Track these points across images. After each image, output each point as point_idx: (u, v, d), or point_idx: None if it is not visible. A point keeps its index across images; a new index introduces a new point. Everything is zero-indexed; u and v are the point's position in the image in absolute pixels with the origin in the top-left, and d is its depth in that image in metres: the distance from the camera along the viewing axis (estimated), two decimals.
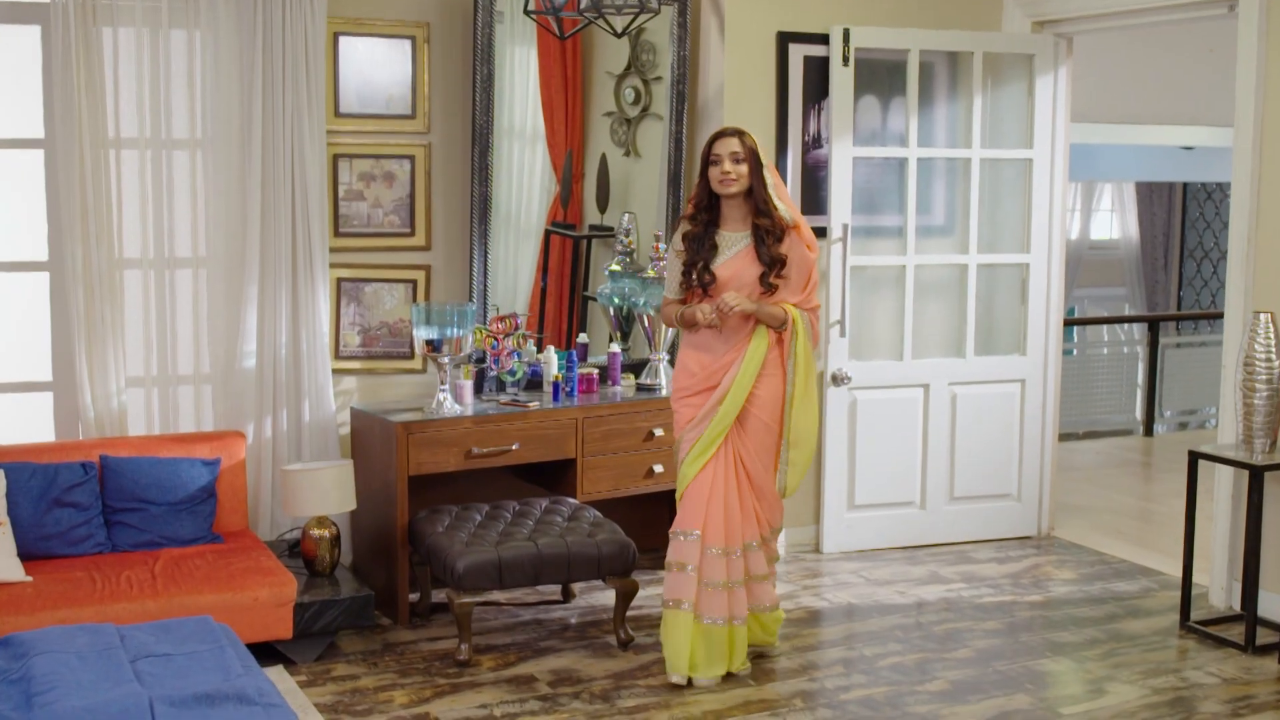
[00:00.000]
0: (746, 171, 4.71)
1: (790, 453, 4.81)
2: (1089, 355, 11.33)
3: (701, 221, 4.78)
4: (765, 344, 4.74)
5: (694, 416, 4.78)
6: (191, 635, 3.35)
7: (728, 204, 4.78)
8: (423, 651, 5.08)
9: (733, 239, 4.77)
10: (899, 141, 6.37)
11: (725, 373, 4.75)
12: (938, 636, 5.30)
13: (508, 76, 6.04)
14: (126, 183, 5.33)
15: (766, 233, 4.71)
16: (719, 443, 4.74)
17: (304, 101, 5.44)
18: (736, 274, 4.73)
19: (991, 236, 6.60)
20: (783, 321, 4.73)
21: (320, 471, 5.21)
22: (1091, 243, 16.49)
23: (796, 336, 4.75)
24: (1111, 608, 5.66)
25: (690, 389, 4.81)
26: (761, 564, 4.84)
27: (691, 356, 4.83)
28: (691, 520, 4.72)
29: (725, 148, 4.71)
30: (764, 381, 4.75)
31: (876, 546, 6.44)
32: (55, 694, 2.90)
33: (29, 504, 4.91)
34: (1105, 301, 16.49)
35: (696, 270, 4.76)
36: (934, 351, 6.51)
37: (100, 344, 5.30)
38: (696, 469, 4.74)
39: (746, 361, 4.72)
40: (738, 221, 4.78)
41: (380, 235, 5.80)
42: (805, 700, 4.65)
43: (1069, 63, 6.50)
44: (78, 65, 5.15)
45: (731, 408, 4.72)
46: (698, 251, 4.76)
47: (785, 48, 6.12)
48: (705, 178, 4.78)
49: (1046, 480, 6.69)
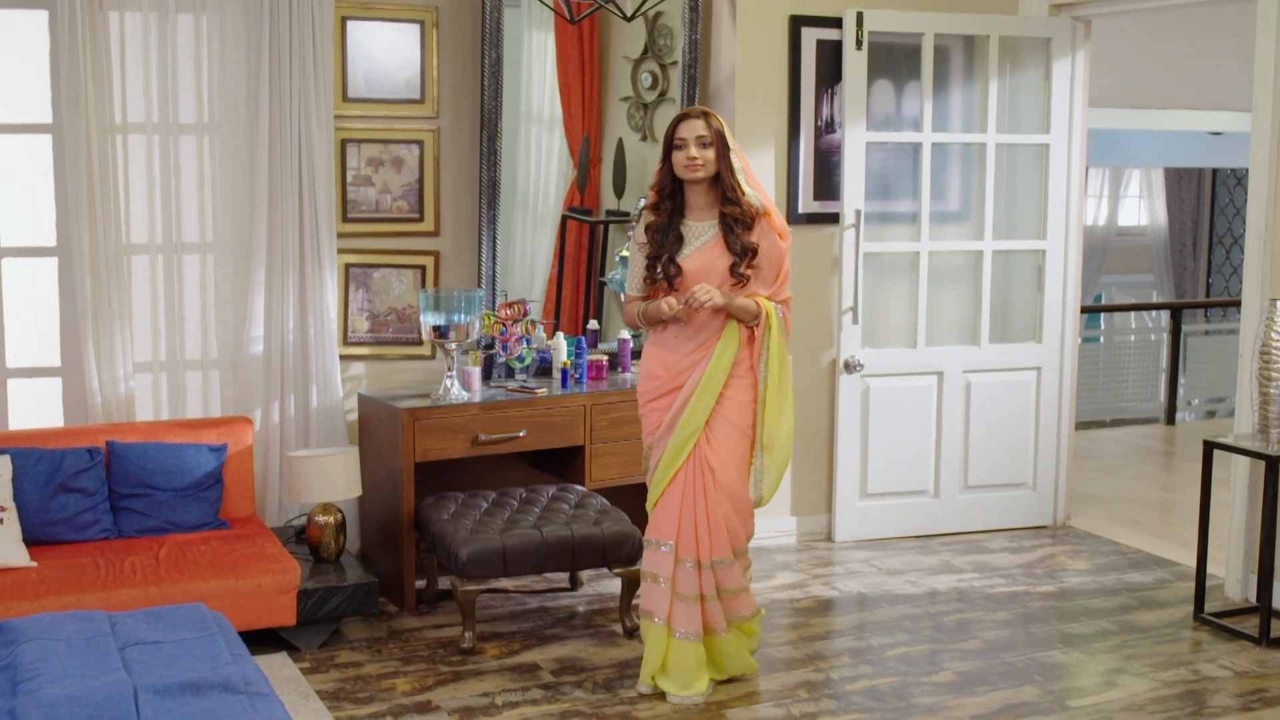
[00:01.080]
0: (713, 156, 4.40)
1: (764, 458, 4.52)
2: (1116, 342, 11.23)
3: (665, 210, 4.47)
4: (735, 341, 4.44)
5: (661, 422, 4.49)
6: (182, 623, 3.33)
7: (693, 191, 4.47)
8: (427, 639, 5.07)
9: (699, 229, 4.47)
10: (913, 126, 6.30)
11: (691, 372, 4.45)
12: (947, 627, 5.25)
13: (525, 61, 6.01)
14: (134, 168, 5.32)
15: (735, 221, 4.41)
16: (689, 449, 4.44)
17: (311, 86, 5.41)
18: (704, 266, 4.43)
19: (1007, 222, 6.52)
20: (755, 315, 4.43)
21: (325, 458, 5.19)
22: (1119, 229, 16.35)
23: (770, 332, 4.46)
24: (1125, 599, 5.59)
25: (655, 392, 4.52)
26: (736, 577, 4.52)
27: (655, 357, 4.53)
28: (664, 529, 4.45)
29: (691, 131, 4.40)
30: (734, 383, 4.46)
31: (889, 535, 6.39)
32: (39, 681, 2.89)
33: (35, 489, 4.91)
34: (1133, 288, 16.37)
35: (661, 263, 4.45)
36: (948, 339, 6.45)
37: (107, 329, 5.29)
38: (668, 479, 4.46)
39: (715, 360, 4.42)
40: (704, 209, 4.48)
41: (389, 221, 5.77)
42: (810, 691, 4.61)
43: (1087, 46, 6.41)
44: (84, 50, 5.14)
45: (699, 410, 4.41)
46: (662, 243, 4.45)
47: (798, 31, 6.06)
48: (668, 163, 4.47)
49: (1063, 469, 6.62)
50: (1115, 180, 16.24)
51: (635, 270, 4.57)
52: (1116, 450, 8.77)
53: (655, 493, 4.51)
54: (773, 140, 6.09)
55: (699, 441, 4.43)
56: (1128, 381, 10.64)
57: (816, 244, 6.22)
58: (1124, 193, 16.48)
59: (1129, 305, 13.45)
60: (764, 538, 6.26)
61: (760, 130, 6.06)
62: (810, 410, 6.28)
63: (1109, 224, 16.14)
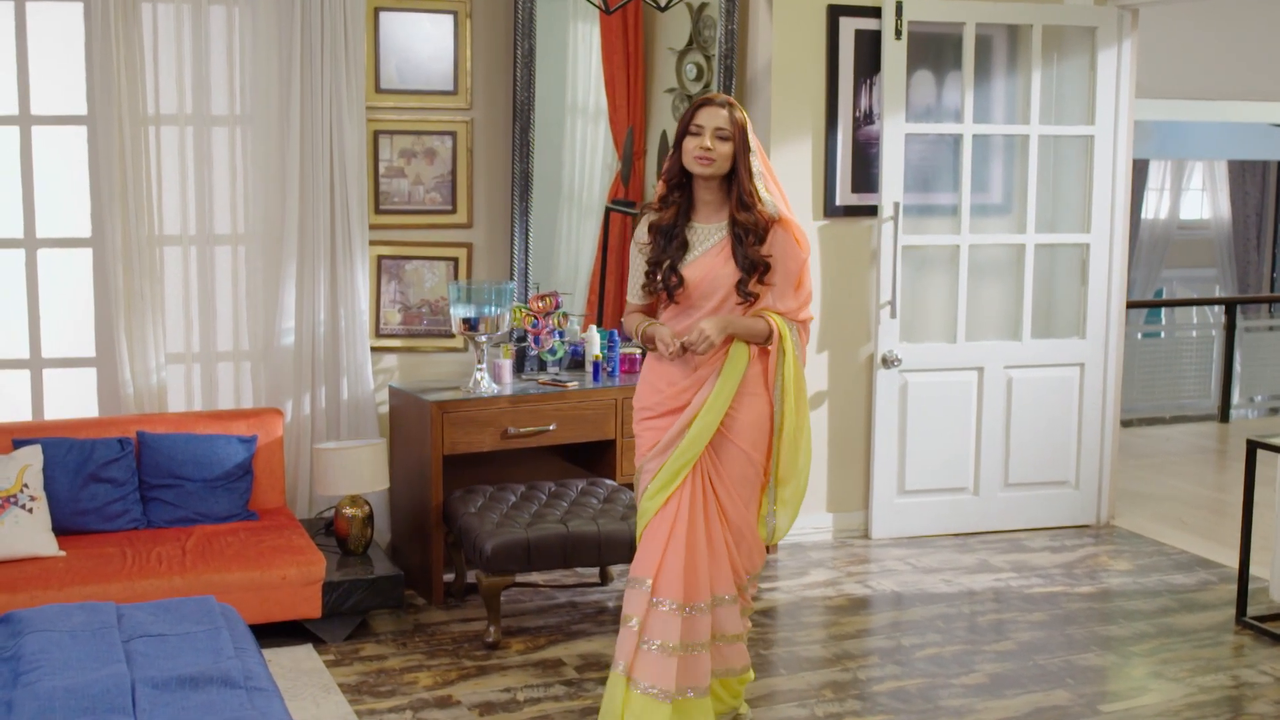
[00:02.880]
0: (730, 152, 3.88)
1: (780, 491, 4.04)
2: (1177, 338, 11.03)
3: (673, 204, 3.97)
4: (745, 357, 3.93)
5: (657, 442, 3.99)
6: (190, 615, 3.32)
7: (703, 187, 3.96)
8: (453, 633, 5.04)
9: (706, 231, 3.96)
10: (954, 118, 6.20)
11: (697, 391, 3.95)
12: (981, 628, 5.16)
13: (570, 52, 5.99)
14: (166, 159, 5.33)
15: (746, 230, 3.88)
16: (685, 474, 3.93)
17: (343, 77, 5.40)
18: (708, 276, 3.92)
19: (1051, 216, 6.41)
20: (766, 337, 3.93)
21: (352, 450, 5.19)
22: (1181, 222, 16.07)
23: (784, 356, 3.94)
24: (1165, 601, 5.47)
25: (654, 409, 4.02)
26: (735, 621, 4.02)
27: (657, 371, 4.03)
28: (644, 565, 3.92)
29: (711, 119, 3.89)
30: (744, 402, 3.96)
31: (927, 533, 6.30)
32: (39, 673, 2.88)
33: (65, 479, 4.94)
34: (1195, 283, 16.09)
35: (661, 271, 3.95)
36: (989, 334, 6.34)
37: (139, 320, 5.32)
38: (657, 505, 3.95)
39: (723, 378, 3.92)
40: (713, 210, 3.98)
41: (421, 212, 5.75)
42: (835, 691, 4.54)
43: (1134, 36, 6.27)
44: (117, 41, 5.16)
45: (702, 433, 3.91)
46: (664, 248, 3.95)
47: (836, 21, 5.98)
48: (680, 150, 3.94)
49: (1106, 467, 6.49)
50: (1177, 173, 15.96)
51: (636, 275, 4.07)
52: (1168, 448, 8.61)
53: (644, 520, 4.00)
54: (810, 132, 6.01)
55: (702, 465, 3.96)
56: (1187, 378, 10.44)
57: (854, 237, 6.13)
58: (1186, 186, 16.19)
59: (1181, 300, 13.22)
60: (800, 534, 6.19)
61: (797, 122, 5.98)
62: (847, 405, 6.20)
63: (1170, 218, 15.87)
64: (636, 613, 3.90)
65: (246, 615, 4.66)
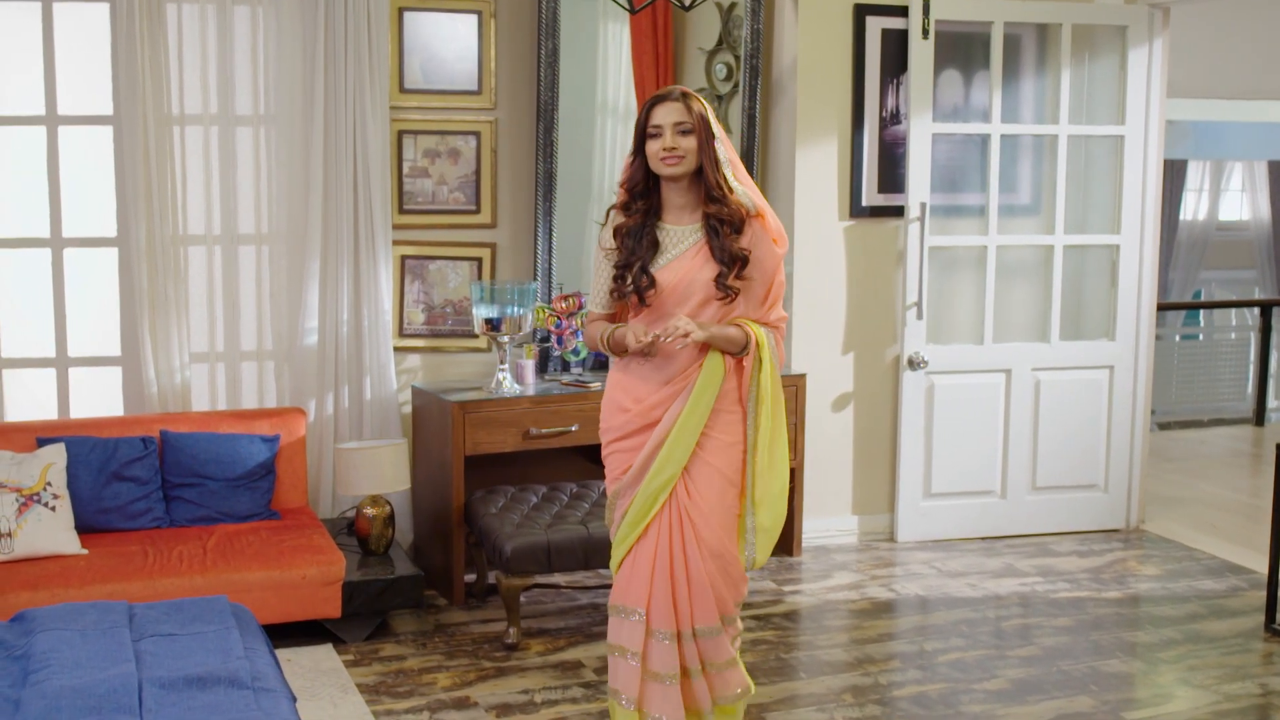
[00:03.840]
0: (695, 146, 3.60)
1: (756, 516, 3.72)
2: (1215, 340, 10.92)
3: (638, 211, 3.68)
4: (721, 370, 3.64)
5: (628, 467, 3.69)
6: (202, 615, 3.32)
7: (670, 188, 3.68)
8: (473, 633, 5.04)
9: (679, 234, 3.67)
10: (981, 117, 6.14)
11: (667, 407, 3.65)
12: (1005, 633, 5.10)
13: (600, 52, 5.98)
14: (190, 159, 5.35)
15: (722, 222, 3.61)
16: (664, 498, 3.64)
17: (366, 77, 5.40)
18: (684, 278, 3.63)
19: (1080, 217, 6.34)
20: (743, 346, 3.64)
21: (373, 450, 5.19)
22: (1219, 223, 15.90)
23: (761, 365, 3.66)
24: (1194, 607, 5.40)
25: (622, 429, 3.71)
26: (724, 648, 3.73)
27: (621, 387, 3.73)
28: (634, 594, 3.67)
29: (668, 115, 3.60)
30: (720, 420, 3.66)
31: (953, 536, 6.24)
32: (48, 671, 2.89)
33: (89, 477, 4.96)
34: (1234, 284, 15.92)
35: (632, 273, 3.65)
36: (1017, 336, 6.28)
37: (164, 319, 5.34)
38: (637, 534, 3.67)
39: (697, 393, 3.61)
40: (684, 211, 3.69)
41: (445, 212, 5.75)
42: (855, 695, 4.50)
43: (1165, 35, 6.19)
44: (142, 42, 5.18)
45: (677, 453, 3.61)
46: (633, 250, 3.66)
47: (862, 20, 5.93)
48: (642, 155, 3.67)
49: (1136, 471, 6.41)
50: (1216, 174, 15.79)
51: (601, 282, 3.79)
52: (1203, 451, 8.51)
53: (621, 550, 3.74)
54: (836, 132, 5.97)
55: (676, 489, 3.65)
56: (1225, 381, 10.33)
57: (880, 238, 6.09)
58: (1225, 186, 16.02)
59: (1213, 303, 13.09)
60: (824, 537, 6.16)
61: (823, 122, 5.94)
62: (873, 407, 6.16)
63: (1209, 218, 15.70)
64: (633, 645, 3.67)
65: (266, 615, 4.69)
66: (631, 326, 3.64)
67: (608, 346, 3.70)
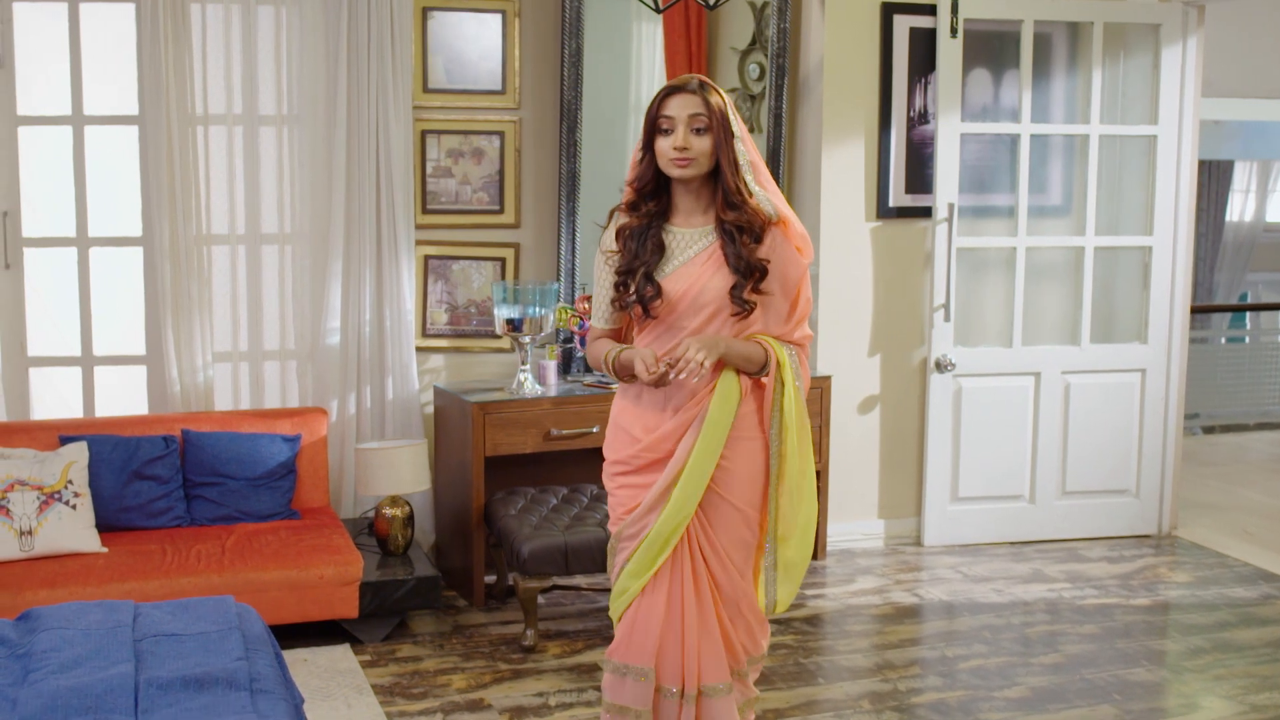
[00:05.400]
0: (710, 147, 3.21)
1: (779, 552, 3.36)
2: (1261, 343, 10.76)
3: (647, 213, 3.29)
4: (737, 393, 3.25)
5: (636, 504, 3.30)
6: (206, 615, 3.32)
7: (682, 191, 3.29)
8: (491, 635, 5.02)
9: (689, 237, 3.28)
10: (1011, 117, 6.07)
11: (680, 438, 3.24)
12: (1028, 639, 5.03)
13: (634, 53, 5.97)
14: (214, 159, 5.37)
15: (739, 229, 3.21)
16: (675, 541, 3.25)
17: (390, 77, 5.40)
18: (694, 286, 3.24)
19: (1111, 218, 6.25)
20: (762, 365, 3.25)
21: (393, 450, 5.18)
22: (1267, 224, 15.67)
23: (783, 387, 3.27)
24: (1224, 615, 5.31)
25: (632, 463, 3.31)
26: (729, 712, 3.31)
27: (631, 415, 3.34)
28: (641, 651, 3.27)
29: (683, 108, 3.20)
30: (738, 449, 3.28)
31: (981, 541, 6.17)
32: (46, 670, 2.89)
33: (110, 476, 4.98)
34: None
35: (635, 280, 3.25)
36: (1046, 338, 6.21)
37: (186, 319, 5.35)
38: (645, 580, 3.28)
39: (711, 419, 3.22)
40: (696, 214, 3.30)
41: (469, 213, 5.74)
42: (873, 702, 4.45)
43: (1200, 33, 6.09)
44: (166, 42, 5.20)
45: (692, 492, 3.22)
46: (637, 254, 3.26)
47: (889, 19, 5.87)
48: (651, 151, 3.27)
49: (1169, 476, 6.32)
50: (1264, 175, 15.56)
51: (602, 291, 3.39)
52: (1243, 456, 8.39)
53: (625, 598, 3.33)
54: (863, 132, 5.91)
55: (690, 528, 3.27)
56: (1271, 384, 10.17)
57: (907, 239, 6.03)
58: (1273, 187, 15.79)
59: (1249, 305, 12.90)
60: (849, 540, 6.10)
61: (850, 121, 5.89)
62: (900, 410, 6.10)
63: (1256, 219, 15.47)
64: (640, 704, 3.28)
65: (284, 614, 4.69)
66: (640, 352, 3.19)
67: (613, 370, 3.29)
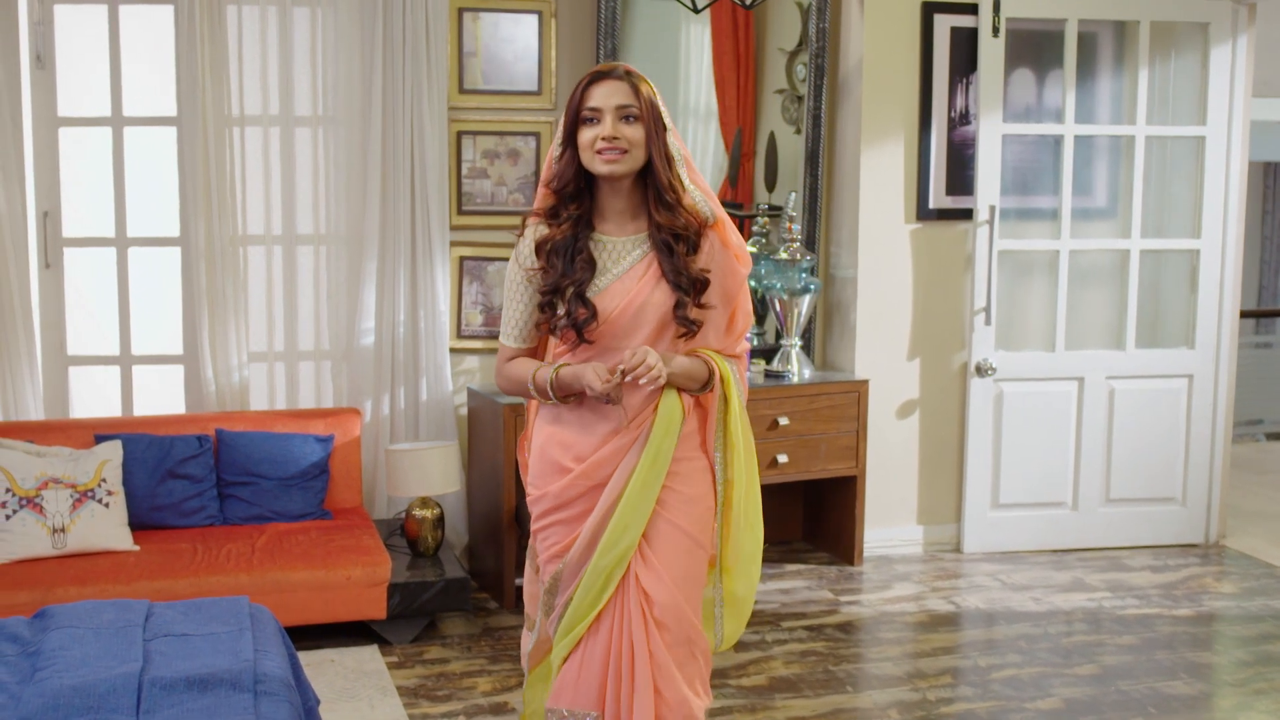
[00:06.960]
0: (642, 138, 2.93)
1: (725, 585, 3.13)
2: None
3: (568, 219, 2.96)
4: (679, 411, 2.98)
5: (569, 545, 3.01)
6: (219, 615, 3.32)
7: (609, 192, 2.99)
8: (519, 638, 4.99)
9: (620, 247, 2.99)
10: (1054, 118, 5.97)
11: (618, 462, 2.96)
12: (1064, 650, 4.94)
13: (683, 54, 5.96)
14: (250, 160, 5.39)
15: (676, 237, 2.94)
16: (619, 577, 2.95)
17: (425, 78, 5.40)
18: (631, 304, 2.95)
19: (1158, 220, 6.14)
20: (706, 382, 3.01)
21: (423, 451, 5.17)
22: None
23: (728, 404, 3.04)
24: (1268, 627, 5.19)
25: (559, 497, 3.01)
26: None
27: (557, 441, 3.02)
28: (585, 696, 2.99)
29: (609, 97, 2.92)
30: (683, 470, 3.01)
31: (1022, 548, 6.08)
32: (52, 669, 2.90)
33: (144, 474, 5.02)
34: None
35: (565, 300, 2.93)
36: (1090, 343, 6.10)
37: (222, 319, 5.38)
38: (588, 623, 2.99)
39: (654, 441, 2.94)
40: (624, 217, 3.01)
41: (504, 214, 5.72)
42: (901, 712, 4.38)
43: (1250, 32, 5.96)
44: (202, 43, 5.23)
45: (634, 518, 2.93)
46: (565, 271, 2.93)
47: (930, 18, 5.80)
48: (572, 146, 2.96)
49: (1216, 484, 6.19)
50: None
51: (516, 308, 3.06)
52: None
53: (568, 644, 3.04)
54: (902, 132, 5.84)
55: (633, 560, 2.97)
56: None
57: (948, 241, 5.94)
58: None
59: None
60: (887, 546, 6.03)
61: (889, 122, 5.82)
62: (939, 415, 6.02)
63: None
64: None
65: (312, 615, 4.70)
66: (592, 365, 2.91)
67: (550, 391, 2.97)
